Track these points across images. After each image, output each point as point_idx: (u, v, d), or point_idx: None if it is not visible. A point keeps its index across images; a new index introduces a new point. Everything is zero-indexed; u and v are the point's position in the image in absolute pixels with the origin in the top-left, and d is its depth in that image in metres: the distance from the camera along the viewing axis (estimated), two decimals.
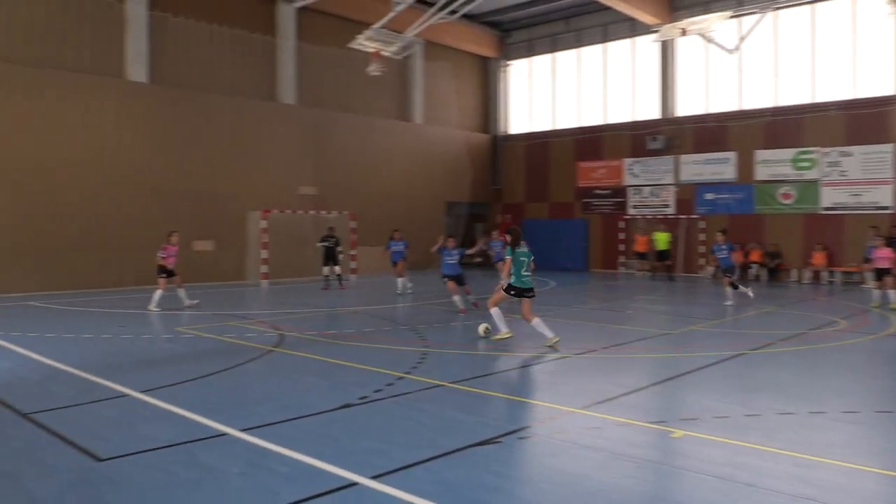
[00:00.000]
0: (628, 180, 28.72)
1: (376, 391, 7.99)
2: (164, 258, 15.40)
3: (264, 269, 22.42)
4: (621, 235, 28.86)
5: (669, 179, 27.68)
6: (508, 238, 11.21)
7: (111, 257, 20.40)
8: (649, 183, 28.22)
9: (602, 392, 8.02)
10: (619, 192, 28.96)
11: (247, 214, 23.03)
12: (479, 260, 25.68)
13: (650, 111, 28.38)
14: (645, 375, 9.01)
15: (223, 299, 18.01)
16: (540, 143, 31.41)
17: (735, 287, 17.02)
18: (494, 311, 11.43)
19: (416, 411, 7.19)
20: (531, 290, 11.13)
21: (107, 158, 20.63)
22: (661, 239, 25.70)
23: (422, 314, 15.05)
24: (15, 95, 19.02)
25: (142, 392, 7.95)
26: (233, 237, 23.01)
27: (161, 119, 21.80)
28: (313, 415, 7.03)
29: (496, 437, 6.32)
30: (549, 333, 10.81)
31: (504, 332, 11.42)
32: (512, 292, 11.12)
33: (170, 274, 15.56)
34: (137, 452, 5.94)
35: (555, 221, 30.57)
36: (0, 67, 18.80)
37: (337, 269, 20.81)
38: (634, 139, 28.51)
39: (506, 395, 8.02)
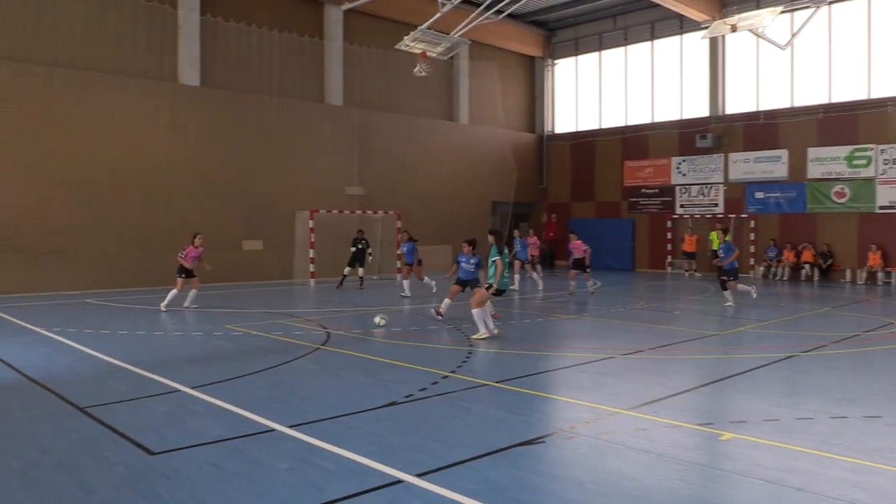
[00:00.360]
0: (676, 179, 28.29)
1: (421, 389, 8.01)
2: (182, 258, 15.54)
3: (311, 268, 22.69)
4: (669, 235, 28.46)
5: (718, 178, 27.17)
6: (493, 239, 11.80)
7: (164, 257, 20.85)
8: (698, 182, 27.75)
9: (649, 393, 7.91)
10: (667, 191, 28.55)
11: (295, 214, 23.30)
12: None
13: (699, 109, 27.90)
14: (693, 377, 8.85)
15: (271, 298, 18.29)
16: (586, 142, 31.15)
17: (724, 288, 16.48)
18: (476, 312, 11.68)
19: (461, 410, 7.19)
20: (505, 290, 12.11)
21: (161, 160, 21.13)
22: (717, 239, 25.23)
23: (467, 314, 15.06)
24: (73, 98, 19.60)
25: (193, 388, 8.11)
26: (281, 237, 23.33)
27: (213, 121, 22.22)
28: (359, 412, 7.08)
29: (541, 437, 6.28)
30: (483, 329, 11.49)
31: (484, 332, 11.63)
32: (493, 292, 11.85)
33: (188, 274, 15.57)
34: (188, 447, 6.06)
35: (601, 221, 30.29)
36: (60, 72, 19.40)
37: (360, 270, 21.04)
38: (682, 137, 28.06)
39: (551, 395, 7.97)
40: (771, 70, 26.08)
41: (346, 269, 21.07)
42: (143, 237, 20.77)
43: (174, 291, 15.56)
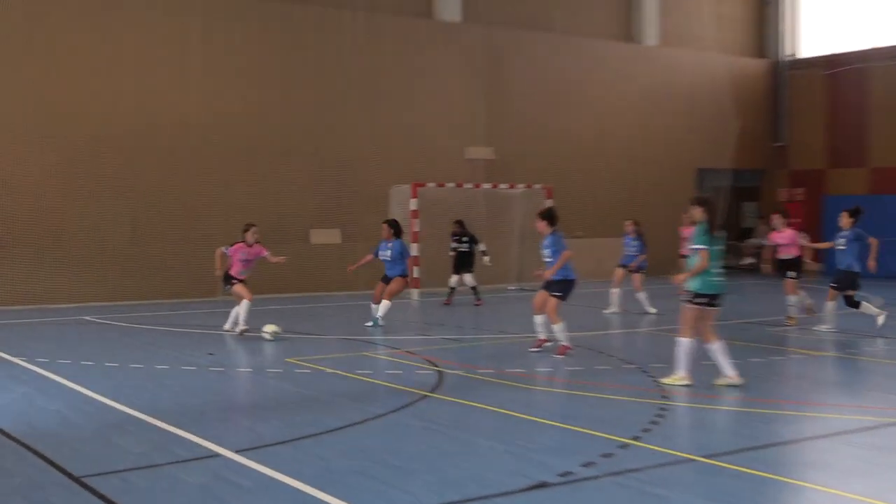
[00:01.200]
0: None
1: (586, 464, 7.89)
2: (226, 253, 15.78)
3: (414, 272, 22.79)
4: None
5: None
6: (701, 213, 11.36)
7: (190, 255, 21.69)
8: None
9: None
10: None
11: (389, 190, 23.66)
12: (751, 262, 24.84)
13: None
14: None
15: (353, 317, 18.53)
16: (853, 70, 30.10)
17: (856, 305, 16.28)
18: (684, 344, 11.33)
19: (652, 499, 7.07)
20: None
21: (189, 115, 21.99)
22: None
23: (658, 347, 14.82)
24: (49, 25, 20.67)
25: (238, 451, 8.27)
26: (367, 225, 23.53)
27: (264, 50, 22.95)
28: (492, 496, 7.04)
29: None
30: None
31: (682, 376, 11.38)
32: (703, 300, 11.24)
33: (229, 281, 15.80)
34: None
35: (883, 198, 29.13)
36: None
37: (469, 278, 21.20)
38: None
39: (797, 481, 7.71)
40: None
41: (453, 279, 21.43)
42: (164, 227, 21.71)
43: (246, 303, 15.54)
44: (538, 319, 14.04)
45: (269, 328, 15.22)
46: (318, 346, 14.78)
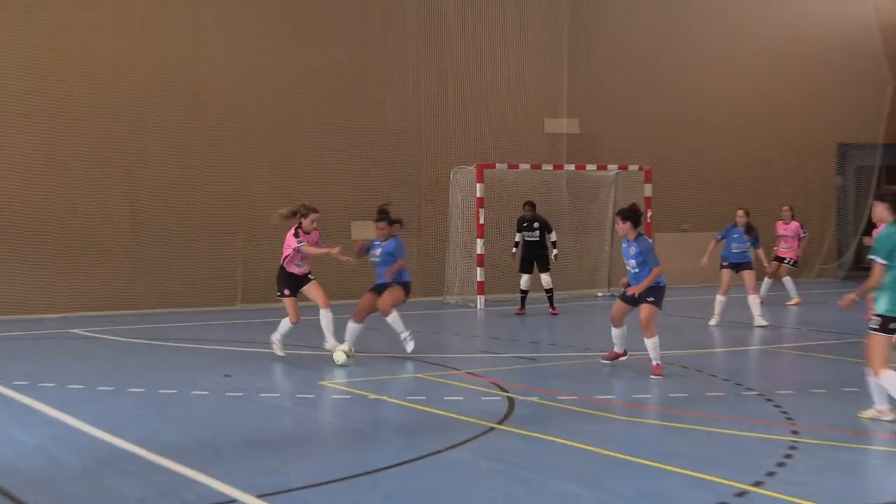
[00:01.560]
0: None
1: None
2: (289, 256, 15.30)
3: (479, 275, 22.87)
4: None
5: None
6: (886, 209, 10.98)
7: (201, 253, 21.87)
8: None
9: None
10: None
11: (449, 173, 23.71)
12: None
13: None
14: None
15: (412, 330, 18.26)
16: None
17: None
18: (891, 377, 10.87)
19: None
20: None
21: (199, 80, 22.08)
22: None
23: (785, 368, 14.63)
24: None
25: (260, 497, 8.19)
26: (420, 215, 23.56)
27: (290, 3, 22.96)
28: None
29: None
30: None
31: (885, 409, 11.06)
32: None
33: (297, 285, 15.38)
34: None
35: None
36: None
37: (545, 278, 20.94)
38: None
39: None
40: None
41: (523, 281, 21.15)
42: (170, 221, 21.80)
43: (286, 323, 15.34)
44: (616, 332, 14.35)
45: (342, 351, 14.72)
46: (359, 366, 14.70)
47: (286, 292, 15.37)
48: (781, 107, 28.60)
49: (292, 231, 15.37)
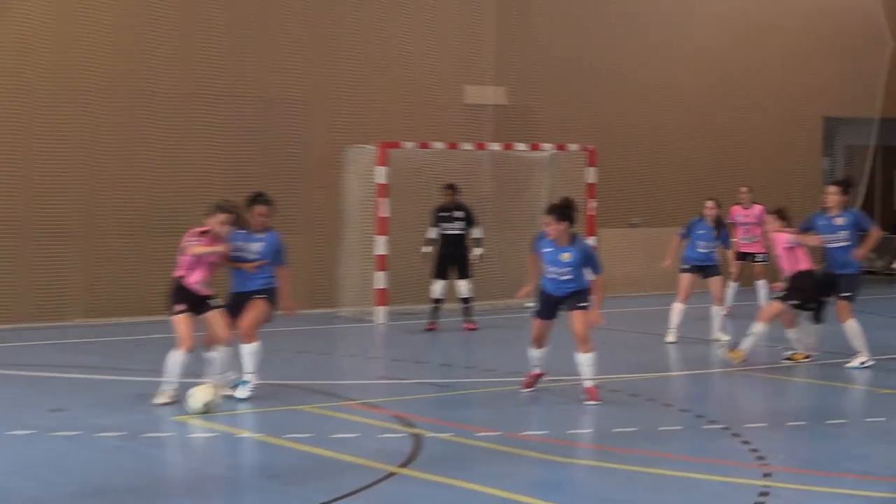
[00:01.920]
0: None
1: None
2: (193, 249, 14.49)
3: (379, 280, 22.90)
4: None
5: None
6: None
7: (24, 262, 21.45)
8: None
9: None
10: None
11: (339, 153, 23.72)
12: None
13: None
14: None
15: (293, 350, 18.50)
16: None
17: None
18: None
19: None
20: None
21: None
22: None
23: (756, 394, 14.83)
24: None
25: None
26: (309, 209, 23.51)
27: None
28: None
29: None
30: None
31: None
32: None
33: (196, 303, 14.18)
34: None
35: None
36: None
37: (464, 286, 20.98)
38: None
39: None
40: None
41: (437, 287, 21.07)
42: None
43: (178, 354, 14.11)
44: (539, 353, 14.60)
45: (199, 396, 13.34)
46: (226, 397, 14.34)
47: (180, 304, 14.21)
48: (761, 75, 29.00)
49: (198, 229, 14.28)
